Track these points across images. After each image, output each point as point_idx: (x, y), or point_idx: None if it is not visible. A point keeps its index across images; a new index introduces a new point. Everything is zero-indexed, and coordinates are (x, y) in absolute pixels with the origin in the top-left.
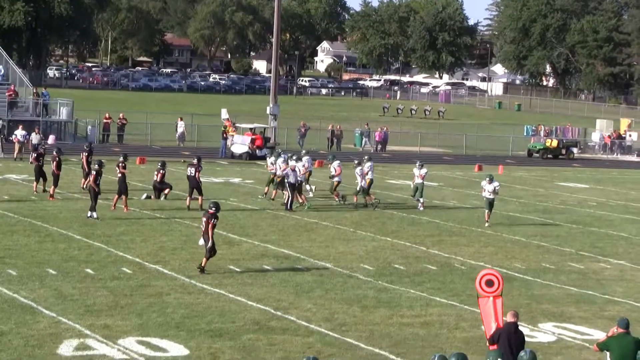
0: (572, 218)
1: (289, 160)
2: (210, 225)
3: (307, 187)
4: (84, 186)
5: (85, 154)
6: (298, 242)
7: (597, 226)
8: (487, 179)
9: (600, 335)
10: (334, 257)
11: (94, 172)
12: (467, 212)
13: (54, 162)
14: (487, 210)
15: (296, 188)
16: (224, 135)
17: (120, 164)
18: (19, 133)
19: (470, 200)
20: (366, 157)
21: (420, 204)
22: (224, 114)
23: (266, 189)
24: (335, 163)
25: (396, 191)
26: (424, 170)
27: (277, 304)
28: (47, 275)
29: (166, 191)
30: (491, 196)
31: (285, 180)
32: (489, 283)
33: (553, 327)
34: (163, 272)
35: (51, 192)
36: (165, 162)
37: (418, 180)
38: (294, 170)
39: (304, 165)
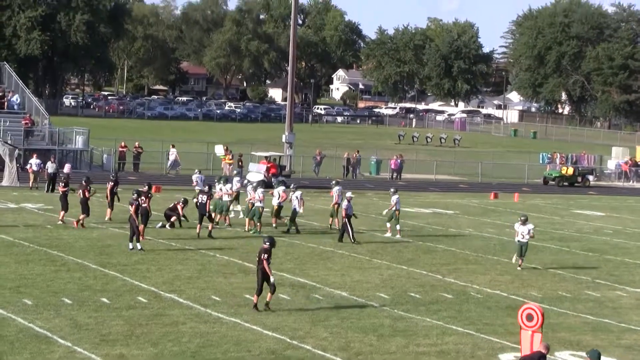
0: (588, 246)
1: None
2: (264, 261)
3: (236, 208)
4: (110, 217)
5: (111, 183)
6: (314, 270)
7: (613, 254)
8: (520, 220)
9: None
10: (350, 285)
11: (135, 203)
12: (482, 240)
13: (84, 191)
14: (517, 255)
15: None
16: (239, 164)
17: (144, 194)
18: (34, 162)
19: (486, 228)
20: (334, 182)
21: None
22: (219, 150)
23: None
24: (280, 188)
25: (412, 219)
26: (395, 197)
27: (293, 333)
28: (63, 304)
29: (173, 219)
30: (525, 240)
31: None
32: (529, 317)
33: (570, 355)
34: (179, 301)
35: (81, 219)
36: (188, 200)
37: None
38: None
39: (230, 187)
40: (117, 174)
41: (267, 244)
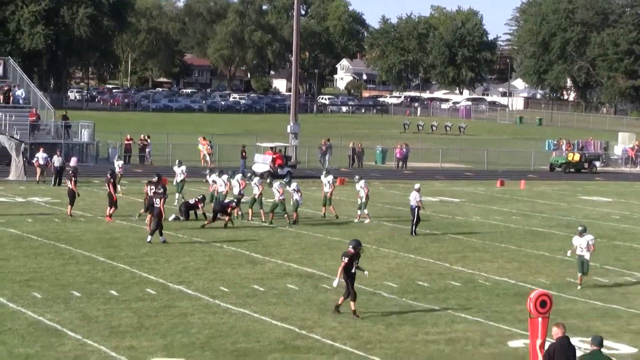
0: (596, 232)
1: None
2: (342, 263)
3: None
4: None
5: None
6: (321, 260)
7: (621, 240)
8: (579, 230)
9: (627, 350)
10: (358, 275)
11: (164, 197)
12: (489, 227)
13: (109, 184)
14: (579, 272)
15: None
16: (243, 154)
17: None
18: (40, 156)
19: (492, 215)
20: (324, 172)
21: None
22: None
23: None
24: (256, 180)
25: None
26: (362, 182)
27: (301, 323)
28: (72, 297)
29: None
30: (585, 253)
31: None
32: (543, 304)
33: (579, 342)
34: (187, 292)
35: (110, 212)
36: (205, 197)
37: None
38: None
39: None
40: (113, 170)
41: (352, 248)
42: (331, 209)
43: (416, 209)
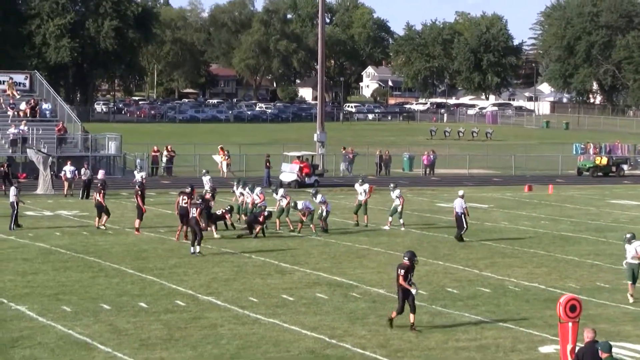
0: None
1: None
2: (400, 277)
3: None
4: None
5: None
6: (350, 268)
7: None
8: (627, 238)
9: None
10: (387, 282)
11: (201, 206)
12: (518, 233)
13: (137, 196)
14: (629, 281)
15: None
16: (267, 164)
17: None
18: (68, 169)
19: (521, 221)
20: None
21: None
22: (217, 159)
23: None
24: (257, 190)
25: (447, 214)
26: (397, 192)
27: (331, 332)
28: (102, 310)
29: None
30: (635, 261)
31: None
32: (573, 308)
33: None
34: (216, 303)
35: (137, 225)
36: (232, 208)
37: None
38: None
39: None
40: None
41: (407, 259)
42: (364, 218)
43: (462, 215)
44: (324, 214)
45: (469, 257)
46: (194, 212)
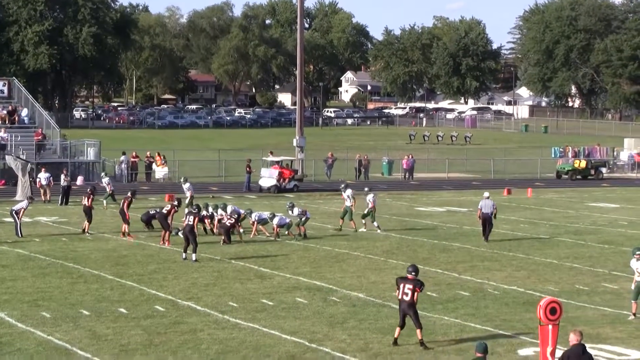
0: (604, 238)
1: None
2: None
3: None
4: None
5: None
6: (330, 273)
7: (629, 245)
8: (635, 256)
9: (637, 355)
10: (366, 287)
11: (198, 215)
12: (497, 236)
13: (126, 202)
14: (632, 300)
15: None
16: (248, 169)
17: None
18: (43, 176)
19: (500, 224)
20: (343, 186)
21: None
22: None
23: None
24: (229, 209)
25: (425, 218)
26: (370, 196)
27: (311, 336)
28: (81, 316)
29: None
30: None
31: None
32: (553, 311)
33: (589, 348)
34: (196, 308)
35: (125, 230)
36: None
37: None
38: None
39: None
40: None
41: (413, 274)
42: (351, 224)
43: (492, 215)
44: (304, 219)
45: (448, 261)
46: (190, 220)
